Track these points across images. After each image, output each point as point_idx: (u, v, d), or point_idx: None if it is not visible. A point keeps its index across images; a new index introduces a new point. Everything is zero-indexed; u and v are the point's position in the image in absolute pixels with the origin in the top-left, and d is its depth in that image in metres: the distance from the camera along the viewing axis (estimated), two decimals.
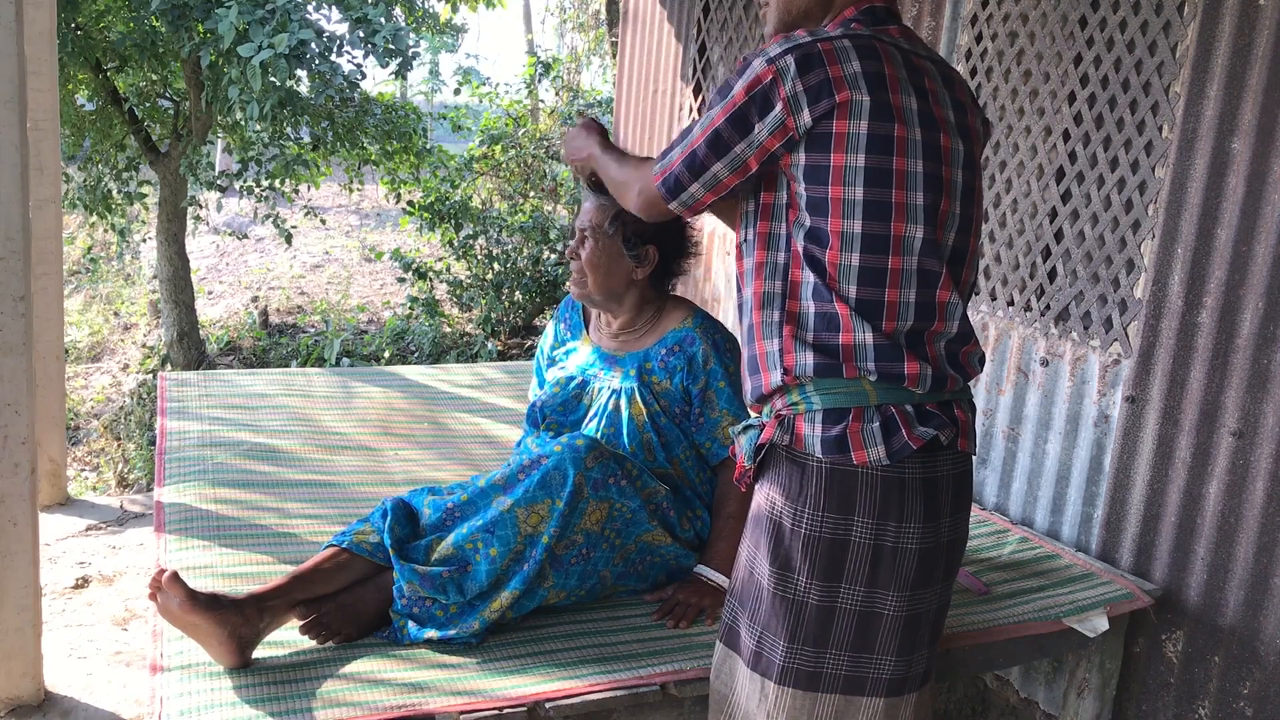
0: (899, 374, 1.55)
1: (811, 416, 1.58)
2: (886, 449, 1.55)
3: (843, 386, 1.56)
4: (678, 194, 1.65)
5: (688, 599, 2.16)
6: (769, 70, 1.54)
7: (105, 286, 10.22)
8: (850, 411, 1.56)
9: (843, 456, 1.56)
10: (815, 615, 1.60)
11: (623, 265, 2.31)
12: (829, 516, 1.57)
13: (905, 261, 1.56)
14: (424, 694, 1.82)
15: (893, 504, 1.57)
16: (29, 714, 2.47)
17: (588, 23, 13.47)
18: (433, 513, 2.12)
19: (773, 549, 1.62)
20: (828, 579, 1.58)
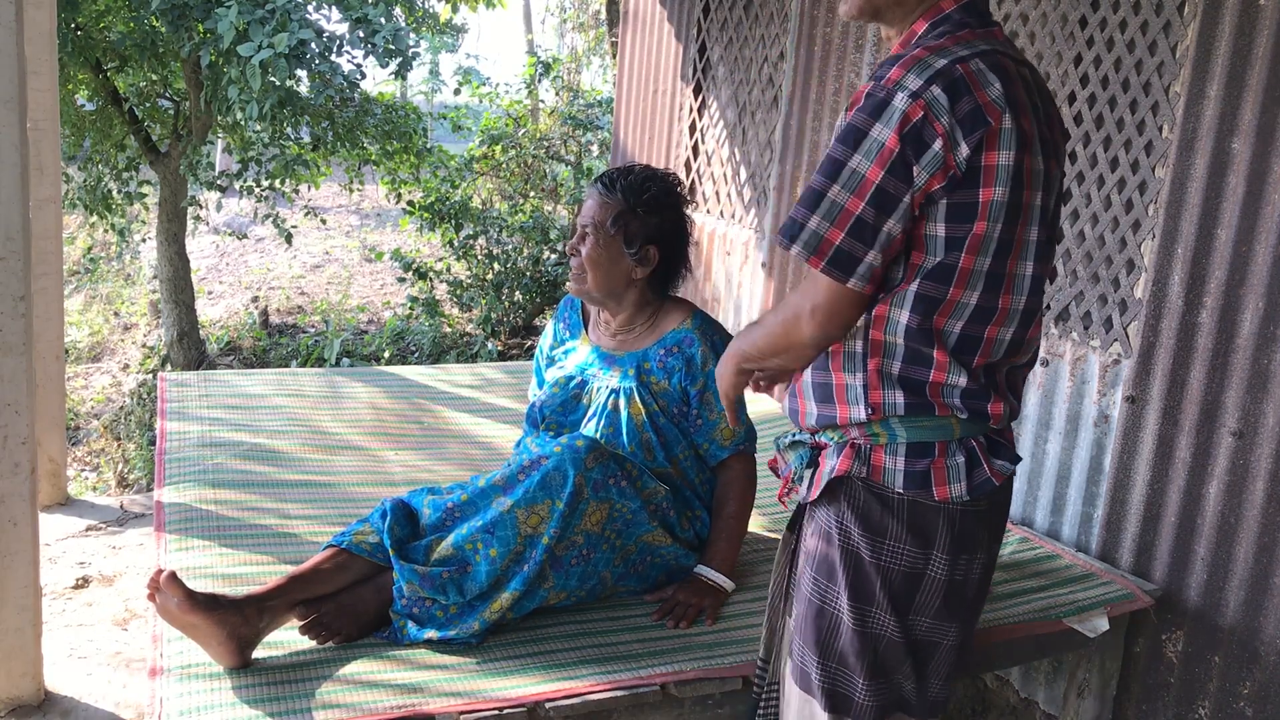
0: (985, 413, 1.50)
1: (894, 448, 1.50)
2: (968, 484, 1.49)
3: (931, 422, 1.50)
4: (853, 269, 1.42)
5: (688, 599, 2.16)
6: (918, 106, 1.38)
7: (105, 286, 10.22)
8: (935, 445, 1.50)
9: (924, 492, 1.49)
10: (891, 648, 1.54)
11: (623, 264, 2.31)
12: (909, 549, 1.51)
13: (1014, 300, 1.49)
14: (424, 694, 1.82)
15: (968, 538, 1.52)
16: (29, 714, 2.47)
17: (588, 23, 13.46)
18: (432, 513, 2.12)
19: (851, 583, 1.53)
20: (901, 612, 1.53)
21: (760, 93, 4.08)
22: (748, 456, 2.37)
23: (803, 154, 3.77)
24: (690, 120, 4.55)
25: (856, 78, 3.51)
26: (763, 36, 4.06)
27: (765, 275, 4.00)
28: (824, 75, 3.67)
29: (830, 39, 3.63)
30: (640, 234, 2.30)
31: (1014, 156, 1.41)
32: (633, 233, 2.29)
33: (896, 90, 1.39)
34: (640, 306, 2.38)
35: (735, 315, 4.22)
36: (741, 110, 4.22)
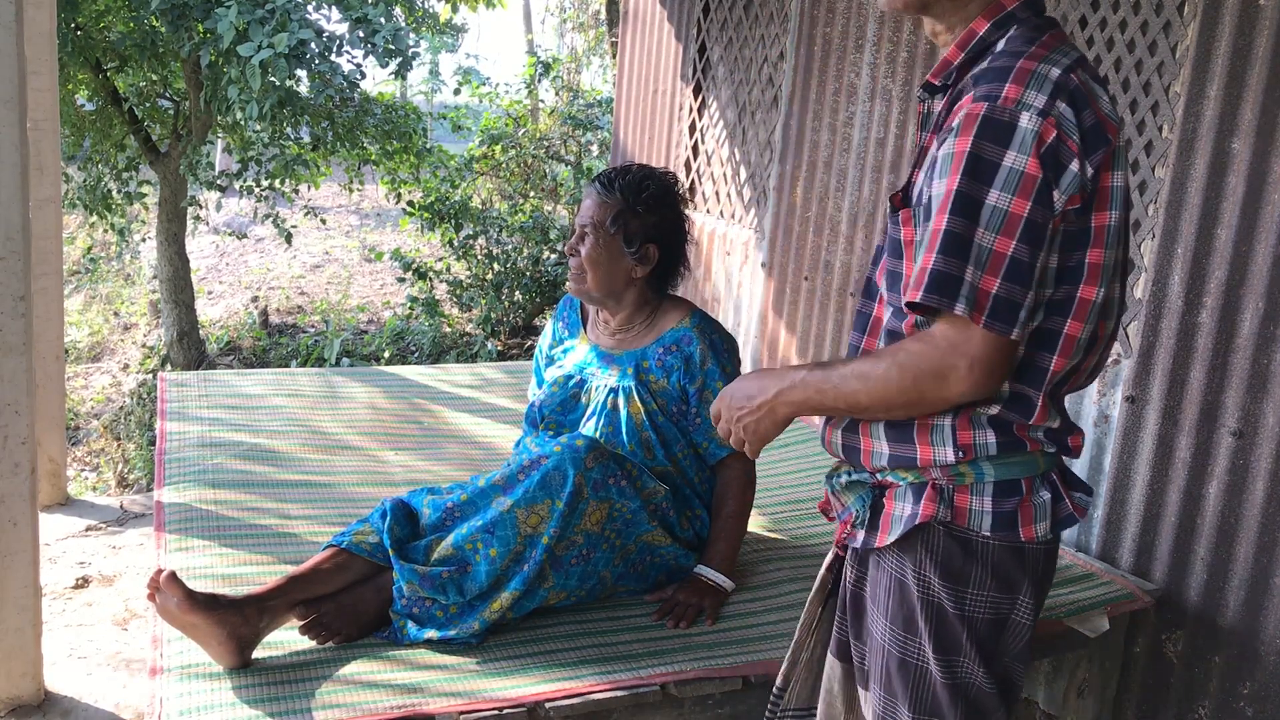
0: (1067, 445, 1.43)
1: (980, 489, 1.38)
2: (1051, 521, 1.40)
3: (1019, 458, 1.38)
4: (1015, 318, 1.26)
5: (688, 599, 2.16)
6: (1049, 125, 1.25)
7: (105, 286, 10.22)
8: (1022, 483, 1.38)
9: (1011, 534, 1.38)
10: (981, 698, 1.44)
11: (623, 263, 2.31)
12: (994, 595, 1.40)
13: (1109, 326, 1.40)
14: (424, 694, 1.82)
15: (1046, 577, 1.45)
16: (29, 714, 2.47)
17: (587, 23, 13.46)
18: (432, 513, 2.12)
19: (936, 635, 1.41)
20: (990, 659, 1.43)
21: (760, 93, 4.08)
22: (745, 456, 2.36)
23: (802, 154, 3.77)
24: (690, 120, 4.55)
25: (856, 77, 3.51)
26: (763, 36, 4.06)
27: (765, 275, 4.00)
28: (824, 75, 3.67)
29: (830, 39, 3.63)
30: (640, 233, 2.30)
31: (1120, 176, 1.32)
32: (632, 231, 2.29)
33: (1021, 110, 1.25)
34: (639, 306, 2.38)
35: (735, 315, 4.23)
36: (741, 110, 4.22)
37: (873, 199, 3.44)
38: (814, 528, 2.70)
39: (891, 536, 1.42)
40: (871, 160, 3.44)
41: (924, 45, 3.22)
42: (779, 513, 2.79)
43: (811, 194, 3.74)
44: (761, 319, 4.03)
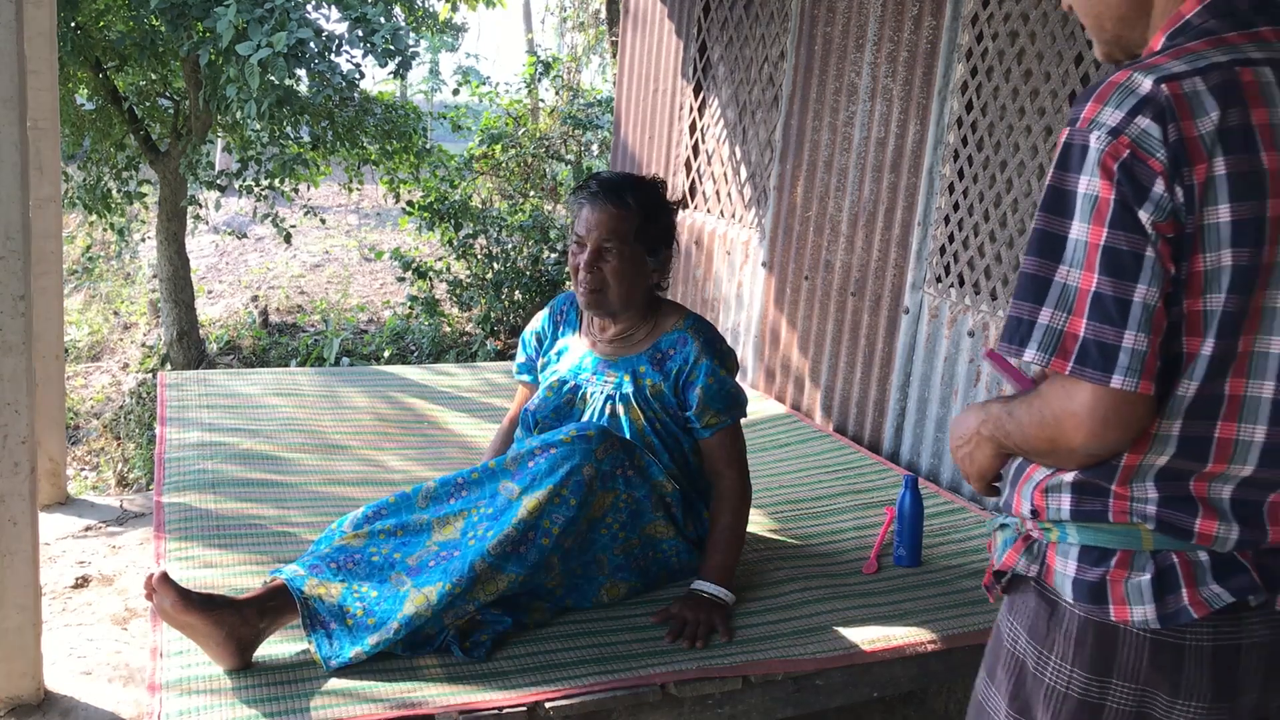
0: (1189, 529, 1.17)
1: (1065, 550, 1.22)
2: (1157, 610, 1.16)
3: (1107, 527, 1.20)
4: (1111, 363, 1.09)
5: (696, 616, 2.13)
6: (1121, 144, 1.10)
7: (105, 286, 10.22)
8: (1115, 555, 1.19)
9: (1100, 609, 1.19)
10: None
11: (644, 273, 2.32)
12: (1079, 674, 1.22)
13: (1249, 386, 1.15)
14: (424, 694, 1.82)
15: (1166, 673, 1.19)
16: (29, 714, 2.47)
17: (587, 22, 13.46)
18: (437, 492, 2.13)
19: (1012, 690, 1.29)
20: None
21: (760, 92, 4.08)
22: (740, 466, 2.35)
23: (803, 153, 3.77)
24: (690, 119, 4.55)
25: (856, 77, 3.51)
26: (763, 36, 4.06)
27: (765, 274, 4.00)
28: (824, 75, 3.67)
29: (830, 38, 3.63)
30: (659, 240, 2.32)
31: (1234, 211, 1.10)
32: (653, 240, 2.30)
33: (1091, 130, 1.12)
34: (645, 313, 2.38)
35: (736, 314, 4.23)
36: (742, 109, 4.22)
37: (873, 198, 3.44)
38: (814, 527, 2.71)
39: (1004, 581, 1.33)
40: (872, 160, 3.43)
41: (924, 45, 3.22)
42: (779, 513, 2.79)
43: (812, 193, 3.74)
44: (762, 318, 4.03)
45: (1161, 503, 1.17)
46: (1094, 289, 1.10)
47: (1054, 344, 1.12)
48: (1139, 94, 1.11)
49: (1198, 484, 1.17)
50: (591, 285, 2.28)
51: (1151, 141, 1.09)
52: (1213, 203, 1.10)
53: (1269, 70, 1.13)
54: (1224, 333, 1.12)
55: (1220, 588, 1.16)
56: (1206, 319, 1.12)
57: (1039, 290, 1.14)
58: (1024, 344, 1.15)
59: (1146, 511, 1.17)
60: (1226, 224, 1.10)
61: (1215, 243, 1.10)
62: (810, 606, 2.26)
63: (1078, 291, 1.11)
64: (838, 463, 3.17)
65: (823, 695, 2.06)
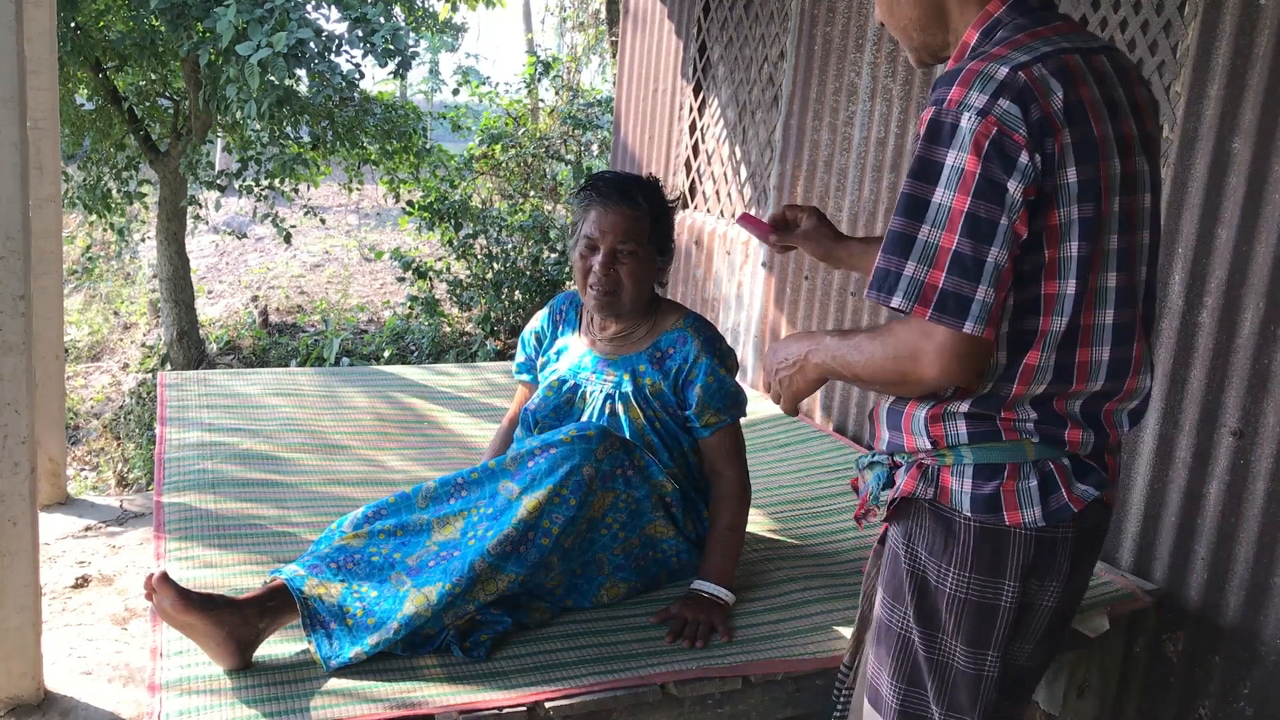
0: (1060, 439, 1.40)
1: (960, 470, 1.41)
2: (1043, 510, 1.39)
3: (999, 445, 1.40)
4: (965, 312, 1.28)
5: (696, 616, 2.13)
6: (988, 124, 1.27)
7: (105, 286, 10.22)
8: (1005, 468, 1.39)
9: (994, 516, 1.39)
10: (963, 681, 1.46)
11: (654, 272, 2.32)
12: (976, 578, 1.42)
13: (1096, 316, 1.37)
14: (424, 694, 1.82)
15: (1040, 564, 1.42)
16: (29, 714, 2.47)
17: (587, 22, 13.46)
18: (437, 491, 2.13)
19: (917, 605, 1.47)
20: (975, 645, 1.45)
21: (760, 92, 4.08)
22: (740, 465, 2.35)
23: (803, 153, 3.77)
24: (690, 119, 4.55)
25: (856, 77, 3.51)
26: (763, 36, 4.06)
27: (765, 274, 4.00)
28: (824, 74, 3.67)
29: (830, 38, 3.63)
30: (666, 239, 2.33)
31: (1079, 172, 1.31)
32: (662, 240, 2.31)
33: (962, 111, 1.29)
34: (645, 312, 2.38)
35: (736, 314, 4.23)
36: (742, 109, 4.22)
37: (873, 198, 3.44)
38: (814, 527, 2.70)
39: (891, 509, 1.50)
40: (872, 160, 3.44)
41: None
42: (779, 512, 2.79)
43: (812, 193, 3.74)
44: (762, 318, 4.03)
45: (1039, 420, 1.39)
46: (954, 248, 1.29)
47: (917, 293, 1.30)
48: (998, 79, 1.29)
49: (1059, 402, 1.40)
50: (606, 287, 2.26)
51: (1013, 119, 1.27)
52: (1064, 166, 1.30)
53: (1079, 57, 1.35)
54: (1081, 273, 1.34)
55: (1085, 485, 1.41)
56: (1065, 264, 1.33)
57: (905, 246, 1.31)
58: (891, 292, 1.32)
59: (1029, 428, 1.39)
60: (1074, 184, 1.31)
61: (1067, 199, 1.31)
62: (810, 606, 2.26)
63: (938, 249, 1.30)
64: (838, 463, 3.17)
65: (822, 695, 2.06)
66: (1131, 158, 1.38)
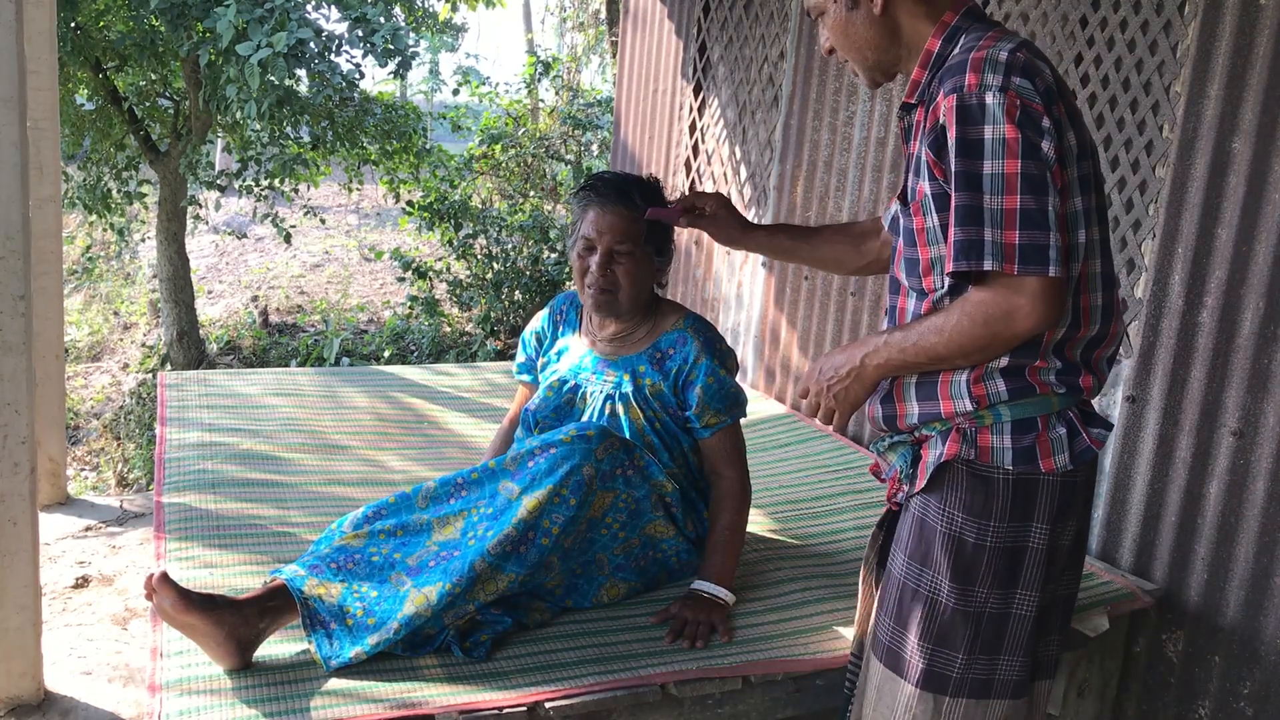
0: (1078, 386, 1.55)
1: (999, 428, 1.54)
2: (1071, 454, 1.54)
3: (1033, 400, 1.54)
4: (1046, 258, 1.42)
5: (696, 616, 2.13)
6: (1012, 97, 1.42)
7: (105, 286, 10.22)
8: (1038, 420, 1.54)
9: (1031, 466, 1.53)
10: (991, 623, 1.57)
11: (652, 273, 2.32)
12: (1011, 525, 1.55)
13: (1091, 265, 1.53)
14: (424, 694, 1.82)
15: (1066, 507, 1.57)
16: (29, 714, 2.47)
17: (587, 22, 13.46)
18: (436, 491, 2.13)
19: (954, 565, 1.57)
20: (1005, 586, 1.56)
21: (760, 92, 4.08)
22: (740, 465, 2.35)
23: (803, 153, 3.77)
24: (690, 119, 4.55)
25: (856, 76, 3.50)
26: (763, 36, 4.06)
27: (765, 274, 4.00)
28: (824, 74, 3.67)
29: None
30: (665, 240, 2.33)
31: (1076, 135, 1.49)
32: (660, 241, 2.31)
33: (984, 91, 1.43)
34: (645, 312, 2.38)
35: (736, 314, 4.23)
36: (742, 109, 4.22)
37: (873, 198, 3.44)
38: (814, 527, 2.71)
39: (924, 479, 1.58)
40: (871, 160, 3.44)
41: None
42: (779, 512, 2.79)
43: (812, 193, 3.74)
44: (762, 318, 4.03)
45: (1060, 371, 1.53)
46: (1019, 207, 1.42)
47: (1000, 253, 1.42)
48: (1003, 61, 1.45)
49: (1069, 350, 1.54)
50: (603, 287, 2.27)
51: (1028, 92, 1.43)
52: (1066, 130, 1.47)
53: None
54: (1088, 224, 1.51)
55: (1096, 429, 1.58)
56: (1074, 217, 1.49)
57: (976, 216, 1.43)
58: (980, 258, 1.43)
59: (1053, 380, 1.53)
60: (1074, 146, 1.48)
61: (1071, 160, 1.48)
62: (810, 606, 2.26)
63: (1005, 212, 1.42)
64: (838, 463, 3.17)
65: (823, 695, 2.06)
66: (1084, 130, 1.55)
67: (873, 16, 1.60)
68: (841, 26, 1.63)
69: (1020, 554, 1.55)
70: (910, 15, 1.59)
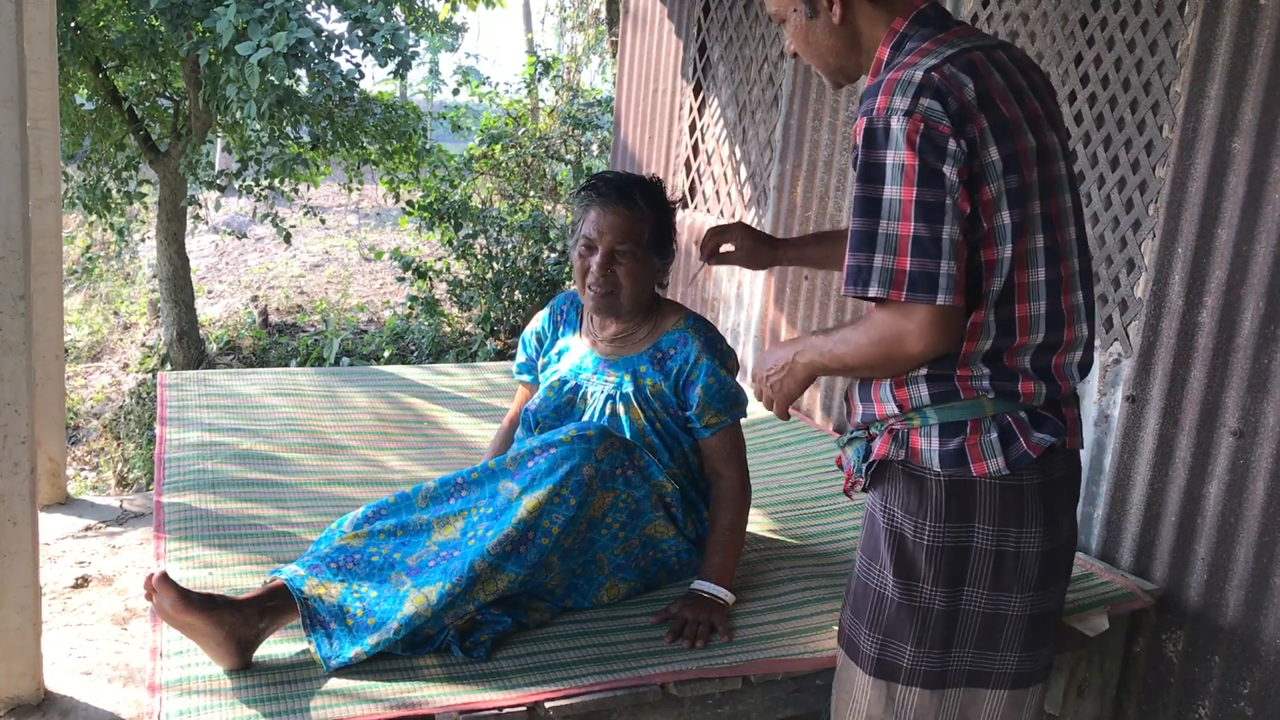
0: (1015, 393, 1.55)
1: (927, 431, 1.57)
2: (1005, 459, 1.54)
3: (960, 404, 1.55)
4: (935, 287, 1.44)
5: (695, 616, 2.12)
6: (915, 121, 1.44)
7: (105, 286, 10.22)
8: (967, 424, 1.55)
9: (962, 469, 1.55)
10: (940, 619, 1.60)
11: (653, 274, 2.32)
12: (950, 526, 1.57)
13: (1030, 274, 1.53)
14: (424, 694, 1.82)
15: (1012, 511, 1.57)
16: (29, 714, 2.47)
17: (587, 22, 13.46)
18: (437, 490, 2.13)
19: (896, 560, 1.61)
20: (951, 584, 1.59)
21: (760, 92, 4.08)
22: (740, 466, 2.35)
23: (803, 153, 3.77)
24: (690, 119, 4.55)
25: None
26: (763, 35, 4.06)
27: (765, 274, 4.00)
28: None
29: None
30: (667, 240, 2.33)
31: (1001, 149, 1.48)
32: (661, 241, 2.30)
33: (890, 115, 1.46)
34: (646, 313, 2.38)
35: (736, 313, 4.23)
36: (742, 109, 4.22)
37: None
38: (814, 527, 2.70)
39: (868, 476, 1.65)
40: None
41: None
42: (779, 512, 2.79)
43: (812, 193, 3.74)
44: (762, 318, 4.03)
45: (992, 376, 1.54)
46: (912, 234, 1.45)
47: (889, 280, 1.46)
48: (915, 83, 1.46)
49: (1008, 357, 1.55)
50: (604, 288, 2.27)
51: (935, 114, 1.44)
52: (986, 146, 1.47)
53: (981, 53, 1.53)
54: (1015, 238, 1.50)
55: (1042, 434, 1.56)
56: (1000, 232, 1.49)
57: (869, 241, 1.47)
58: (866, 284, 1.47)
59: (984, 386, 1.54)
60: (997, 160, 1.48)
61: (994, 175, 1.48)
62: (810, 606, 2.26)
63: (899, 238, 1.45)
64: None
65: (823, 695, 2.06)
66: (1043, 133, 1.55)
67: (832, 25, 1.61)
68: (802, 34, 1.65)
69: (964, 553, 1.58)
70: (869, 22, 1.60)
